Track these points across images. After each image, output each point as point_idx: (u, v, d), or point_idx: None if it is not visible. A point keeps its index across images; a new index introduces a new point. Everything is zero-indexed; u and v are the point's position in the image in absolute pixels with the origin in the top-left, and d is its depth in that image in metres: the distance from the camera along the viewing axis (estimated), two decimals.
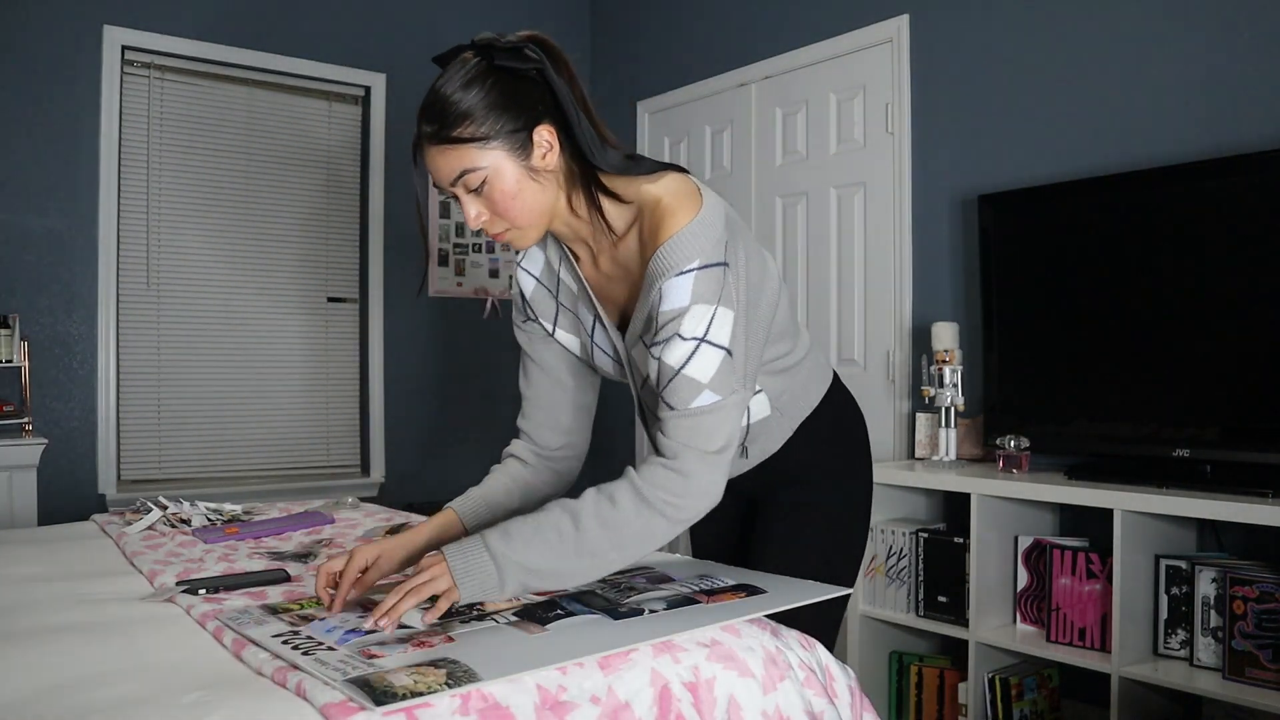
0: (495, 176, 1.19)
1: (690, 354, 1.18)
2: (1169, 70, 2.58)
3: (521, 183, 1.20)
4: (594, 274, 1.34)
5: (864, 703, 1.24)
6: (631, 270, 1.29)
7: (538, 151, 1.20)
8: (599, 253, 1.32)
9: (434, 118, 1.18)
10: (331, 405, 4.02)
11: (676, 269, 1.18)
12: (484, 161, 1.18)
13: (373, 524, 2.01)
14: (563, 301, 1.39)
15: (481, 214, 1.22)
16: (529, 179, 1.20)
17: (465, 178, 1.19)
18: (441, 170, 1.20)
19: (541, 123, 1.20)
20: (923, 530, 2.76)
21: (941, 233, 3.12)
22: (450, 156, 1.18)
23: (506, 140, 1.18)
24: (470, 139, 1.17)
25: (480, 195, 1.20)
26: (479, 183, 1.19)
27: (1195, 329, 2.36)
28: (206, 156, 3.73)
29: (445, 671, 0.96)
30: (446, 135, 1.17)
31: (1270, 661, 2.09)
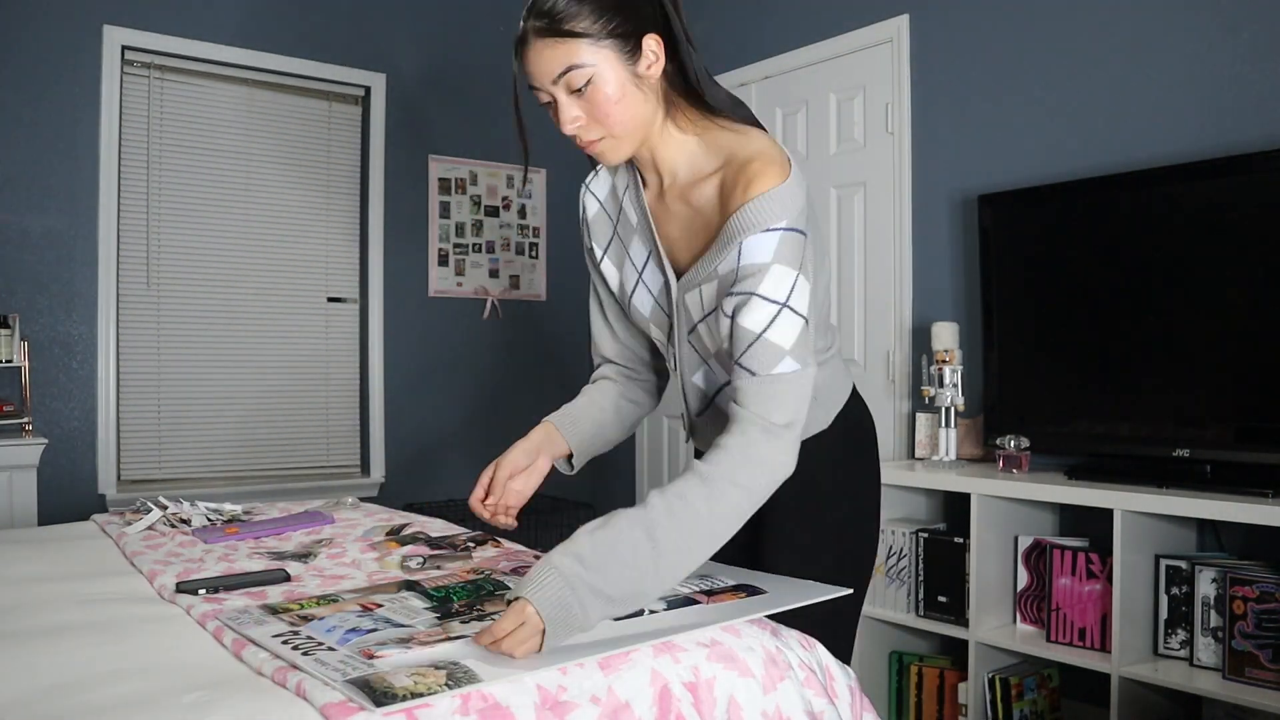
0: (600, 77, 1.17)
1: (773, 318, 1.15)
2: (1169, 70, 2.58)
3: (625, 88, 1.19)
4: (658, 207, 1.32)
5: (864, 703, 1.24)
6: (701, 214, 1.26)
7: (644, 60, 1.19)
8: (669, 186, 1.30)
9: (545, 11, 1.16)
10: (331, 405, 4.02)
11: (763, 225, 1.16)
12: (592, 59, 1.16)
13: (372, 523, 2.01)
14: (619, 232, 1.37)
15: (579, 118, 1.20)
16: (633, 86, 1.19)
17: (569, 75, 1.17)
18: (545, 65, 1.17)
19: (651, 32, 1.19)
20: (923, 530, 2.76)
21: (941, 233, 3.12)
22: (558, 51, 1.16)
23: (617, 42, 1.17)
24: (582, 34, 1.15)
25: (581, 96, 1.18)
26: (583, 82, 1.17)
27: (1195, 329, 2.36)
28: (206, 156, 3.73)
29: (445, 672, 0.96)
30: (557, 28, 1.15)
31: (1270, 661, 2.09)
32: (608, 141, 1.23)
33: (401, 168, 4.11)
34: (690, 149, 1.26)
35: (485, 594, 1.30)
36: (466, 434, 4.27)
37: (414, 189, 4.15)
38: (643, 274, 1.34)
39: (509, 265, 4.40)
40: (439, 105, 4.18)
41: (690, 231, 1.28)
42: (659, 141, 1.27)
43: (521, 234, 4.43)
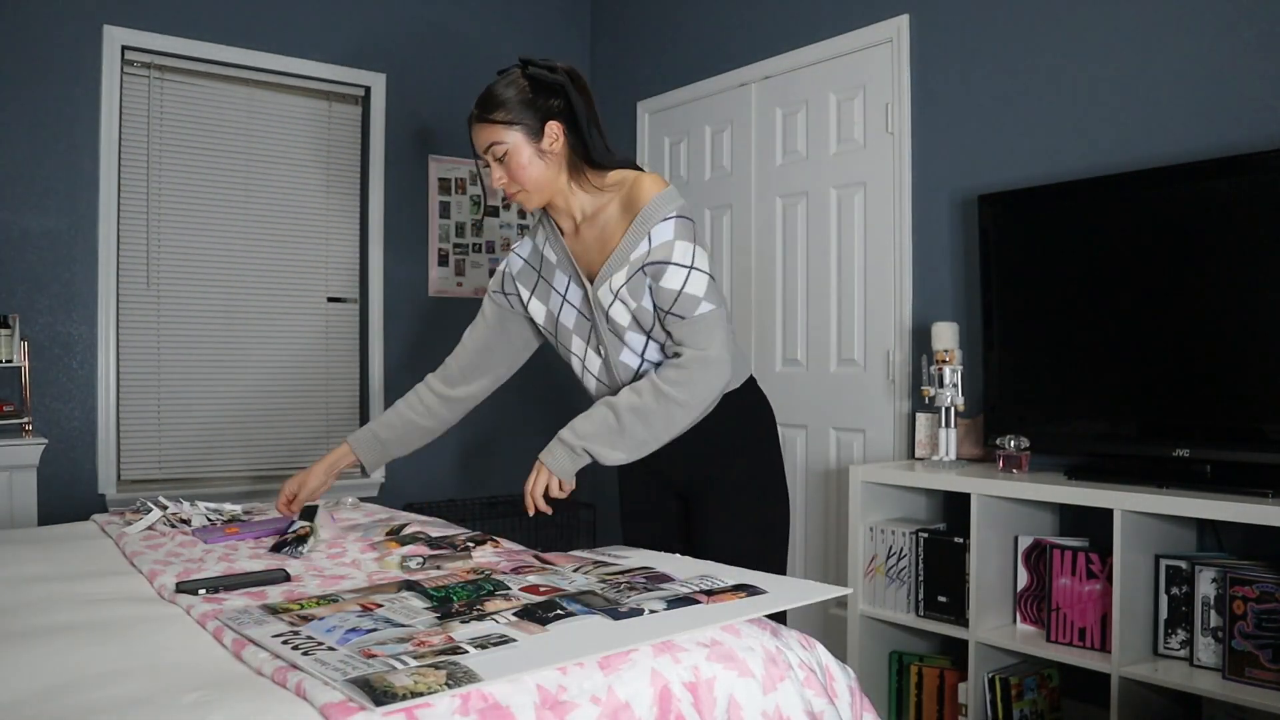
0: (514, 150, 1.68)
1: (685, 277, 1.64)
2: (1169, 70, 2.58)
3: (532, 159, 1.69)
4: (574, 242, 1.79)
5: (864, 703, 1.25)
6: (606, 229, 1.73)
7: (547, 139, 1.69)
8: (581, 222, 1.76)
9: (481, 104, 1.69)
10: (331, 405, 4.02)
11: (662, 215, 1.66)
12: (507, 139, 1.68)
13: (371, 523, 2.01)
14: (543, 274, 1.83)
15: (502, 177, 1.71)
16: (538, 157, 1.70)
17: (493, 148, 1.69)
18: (479, 140, 1.70)
19: (553, 119, 1.69)
20: (923, 530, 2.76)
21: (941, 233, 3.12)
22: (485, 132, 1.69)
23: (525, 127, 1.68)
24: (499, 121, 1.67)
25: (503, 163, 1.69)
26: (502, 153, 1.69)
27: (1195, 329, 2.36)
28: (206, 156, 3.73)
29: (445, 672, 0.96)
30: (485, 116, 1.68)
31: (1270, 661, 2.09)
32: (523, 194, 1.72)
33: (401, 168, 4.11)
34: (590, 191, 1.74)
35: (485, 594, 1.30)
36: (467, 434, 4.27)
37: (414, 189, 4.15)
38: (566, 295, 1.80)
39: None
40: (439, 105, 4.18)
41: (600, 245, 1.74)
42: (569, 194, 1.75)
43: (521, 234, 4.43)
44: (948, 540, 2.67)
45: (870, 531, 2.84)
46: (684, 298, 1.63)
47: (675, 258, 1.63)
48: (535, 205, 1.75)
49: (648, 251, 1.64)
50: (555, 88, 1.67)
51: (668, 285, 1.63)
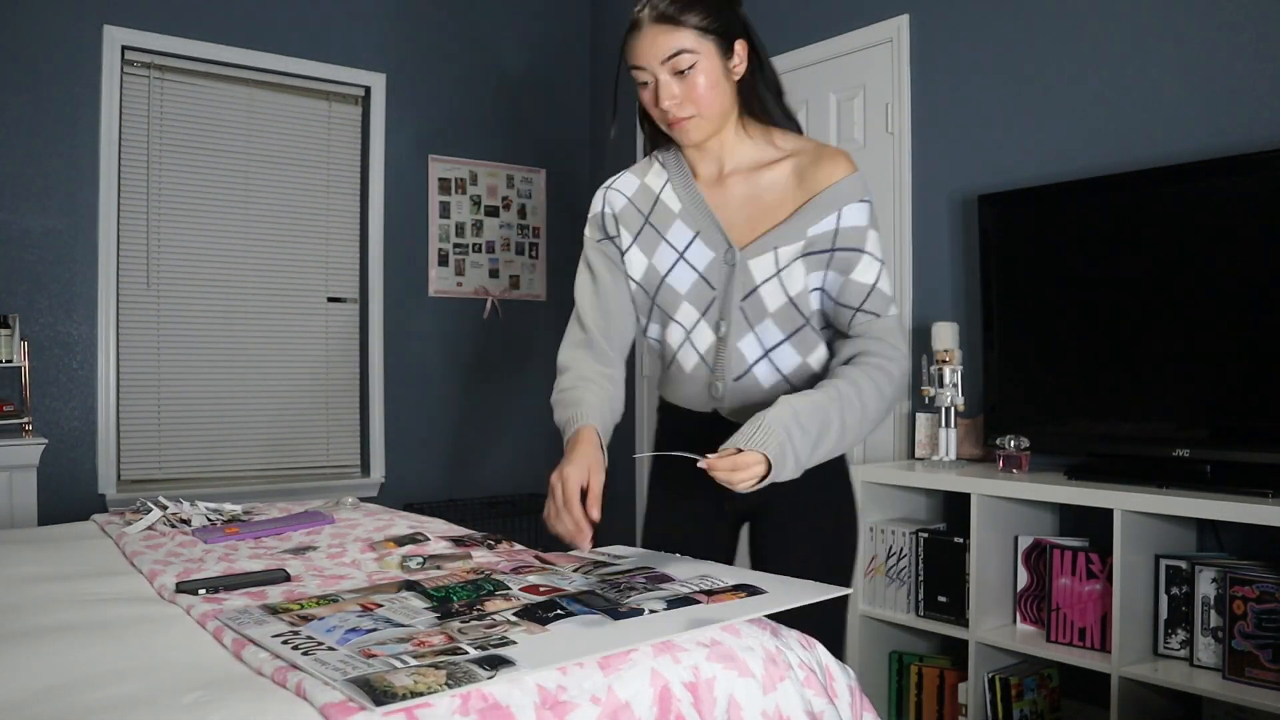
0: (701, 64, 1.39)
1: (879, 272, 1.44)
2: (1169, 70, 2.58)
3: (719, 78, 1.42)
4: (712, 192, 1.51)
5: (864, 703, 1.24)
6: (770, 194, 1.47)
7: (735, 58, 1.44)
8: (730, 173, 1.50)
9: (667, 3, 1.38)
10: (331, 405, 4.02)
11: (858, 196, 1.44)
12: (697, 47, 1.39)
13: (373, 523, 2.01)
14: (652, 221, 1.54)
15: (677, 96, 1.41)
16: (724, 78, 1.43)
17: (677, 58, 1.38)
18: (658, 46, 1.38)
19: (742, 38, 1.45)
20: (923, 530, 2.76)
21: (941, 233, 3.12)
22: (671, 36, 1.38)
23: (717, 39, 1.41)
24: (692, 26, 1.38)
25: (682, 79, 1.40)
26: (687, 65, 1.39)
27: (1195, 329, 2.36)
28: (206, 156, 3.73)
29: (445, 672, 0.96)
30: (674, 15, 1.38)
31: (1270, 661, 2.09)
32: (696, 120, 1.43)
33: (401, 168, 4.11)
34: (754, 141, 1.49)
35: (485, 594, 1.30)
36: (467, 434, 4.27)
37: (414, 189, 4.15)
38: (684, 253, 1.50)
39: (509, 265, 4.40)
40: (439, 105, 4.19)
41: (755, 208, 1.48)
42: (729, 132, 1.49)
43: (521, 234, 4.43)
44: (948, 540, 2.67)
45: (870, 531, 2.84)
46: (877, 294, 1.44)
47: (869, 247, 1.43)
48: (702, 138, 1.46)
49: (834, 231, 1.43)
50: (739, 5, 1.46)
51: (860, 278, 1.43)
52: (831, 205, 1.43)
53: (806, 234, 1.43)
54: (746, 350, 1.50)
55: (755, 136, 1.49)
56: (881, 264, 1.45)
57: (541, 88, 4.46)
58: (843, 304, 1.46)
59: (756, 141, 1.49)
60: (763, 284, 1.45)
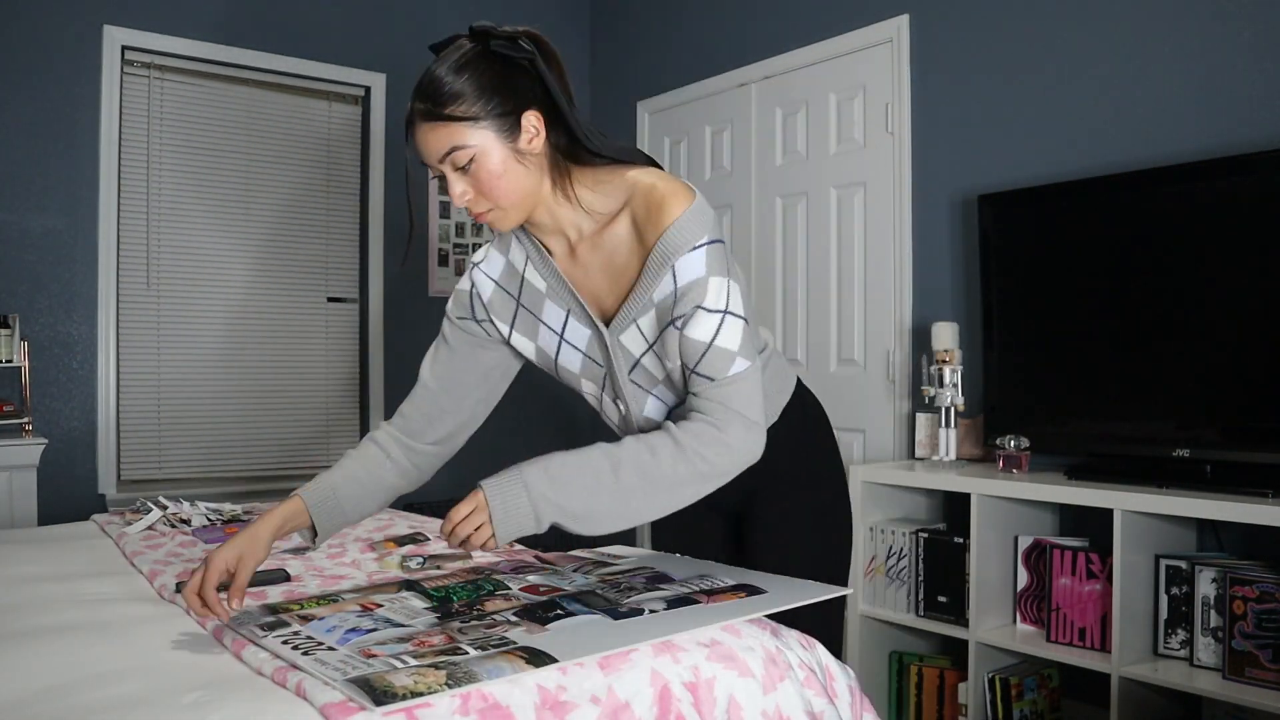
0: (483, 155, 1.23)
1: (718, 326, 1.25)
2: (1169, 70, 2.58)
3: (507, 164, 1.24)
4: (570, 266, 1.37)
5: (864, 703, 1.24)
6: (619, 253, 1.32)
7: (524, 135, 1.25)
8: (578, 242, 1.35)
9: (427, 96, 1.23)
10: (331, 405, 4.02)
11: (689, 245, 1.24)
12: (472, 140, 1.22)
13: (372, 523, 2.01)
14: (524, 304, 1.41)
15: (467, 192, 1.26)
16: (515, 161, 1.25)
17: (454, 155, 1.23)
18: (431, 146, 1.24)
19: (530, 108, 1.25)
20: (923, 530, 2.76)
21: (941, 233, 3.12)
22: (440, 133, 1.23)
23: (495, 121, 1.23)
24: (461, 117, 1.22)
25: (467, 174, 1.25)
26: (466, 160, 1.23)
27: (1195, 329, 2.36)
28: (206, 156, 3.73)
29: (445, 672, 0.96)
30: (438, 113, 1.22)
31: (1270, 661, 2.08)
32: (496, 212, 1.28)
33: (401, 168, 4.10)
34: (588, 202, 1.31)
35: (485, 594, 1.30)
36: None
37: (414, 189, 4.14)
38: (564, 334, 1.39)
39: None
40: None
41: (611, 274, 1.34)
42: (555, 205, 1.32)
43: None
44: (948, 540, 2.67)
45: (870, 531, 2.84)
46: (714, 353, 1.25)
47: (707, 301, 1.25)
48: (514, 224, 1.31)
49: (673, 293, 1.26)
50: (523, 64, 1.26)
51: (694, 335, 1.26)
52: (665, 262, 1.26)
53: (654, 300, 1.29)
54: (653, 413, 1.41)
55: (583, 197, 1.31)
56: (724, 315, 1.25)
57: None
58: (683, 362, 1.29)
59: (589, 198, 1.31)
60: (642, 356, 1.34)
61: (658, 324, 1.30)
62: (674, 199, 1.25)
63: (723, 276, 1.25)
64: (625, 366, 1.37)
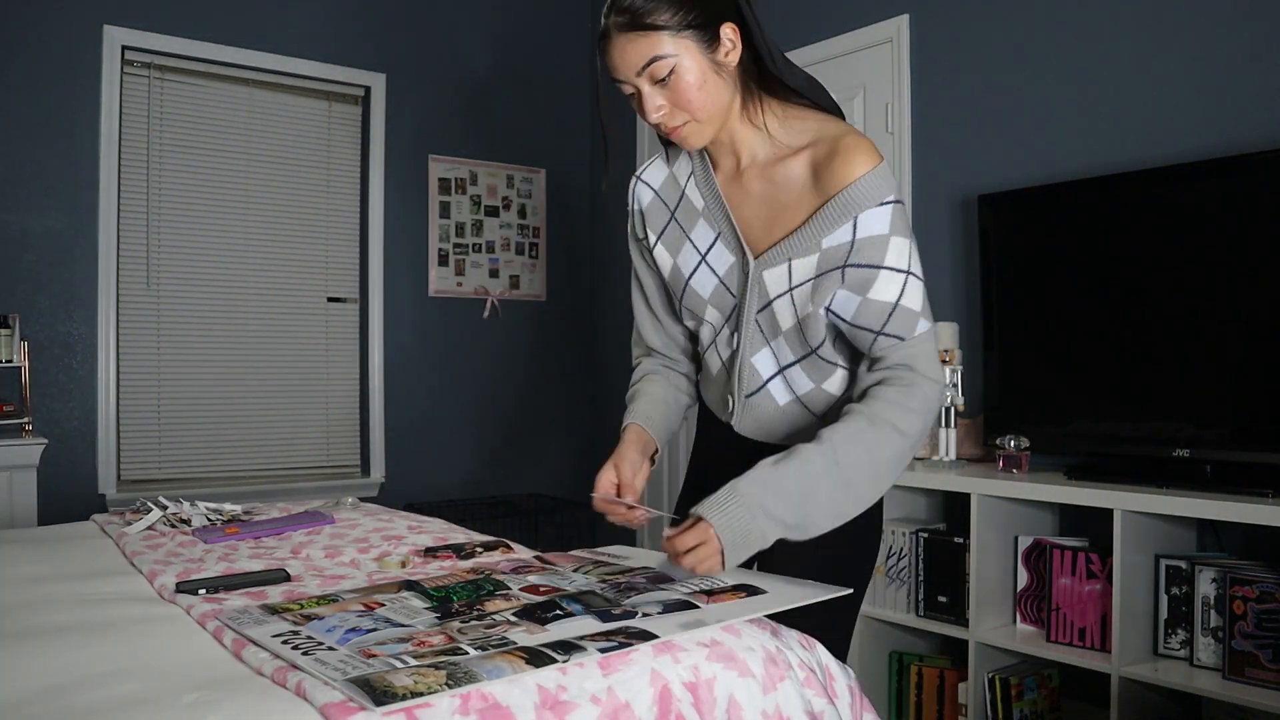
0: (682, 66, 1.22)
1: (903, 287, 1.26)
2: (1169, 70, 2.58)
3: (707, 75, 1.24)
4: (732, 189, 1.37)
5: (864, 703, 1.24)
6: (787, 190, 1.32)
7: (723, 48, 1.24)
8: (748, 166, 1.35)
9: (624, 8, 1.21)
10: (331, 405, 4.02)
11: (876, 199, 1.25)
12: (674, 49, 1.21)
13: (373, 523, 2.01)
14: (678, 217, 1.42)
15: (663, 106, 1.25)
16: (714, 72, 1.25)
17: (653, 66, 1.22)
18: (630, 58, 1.23)
19: (728, 20, 1.24)
20: (923, 530, 2.76)
21: (941, 233, 3.12)
22: (641, 43, 1.21)
23: (696, 32, 1.22)
24: (664, 26, 1.20)
25: (665, 85, 1.24)
26: (666, 71, 1.22)
27: (1195, 329, 2.36)
28: (206, 156, 3.73)
29: (445, 672, 0.96)
30: (639, 22, 1.21)
31: (1270, 661, 2.09)
32: (691, 126, 1.27)
33: (401, 168, 4.11)
34: (771, 129, 1.32)
35: (485, 594, 1.30)
36: (467, 434, 4.27)
37: (414, 189, 4.15)
38: (706, 256, 1.39)
39: (509, 265, 4.40)
40: (439, 105, 4.19)
41: (772, 209, 1.33)
42: (738, 124, 1.32)
43: (521, 234, 4.43)
44: (948, 540, 2.67)
45: None
46: (900, 313, 1.26)
47: (890, 260, 1.25)
48: (703, 142, 1.30)
49: (850, 244, 1.26)
50: None
51: (879, 296, 1.26)
52: (846, 212, 1.26)
53: (821, 245, 1.28)
54: (761, 366, 1.41)
55: (770, 123, 1.31)
56: (907, 276, 1.27)
57: (541, 87, 4.46)
58: (860, 326, 1.29)
59: (772, 126, 1.31)
60: (776, 299, 1.33)
61: (817, 269, 1.29)
62: (864, 154, 1.26)
63: (904, 238, 1.27)
64: (756, 304, 1.36)
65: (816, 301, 1.29)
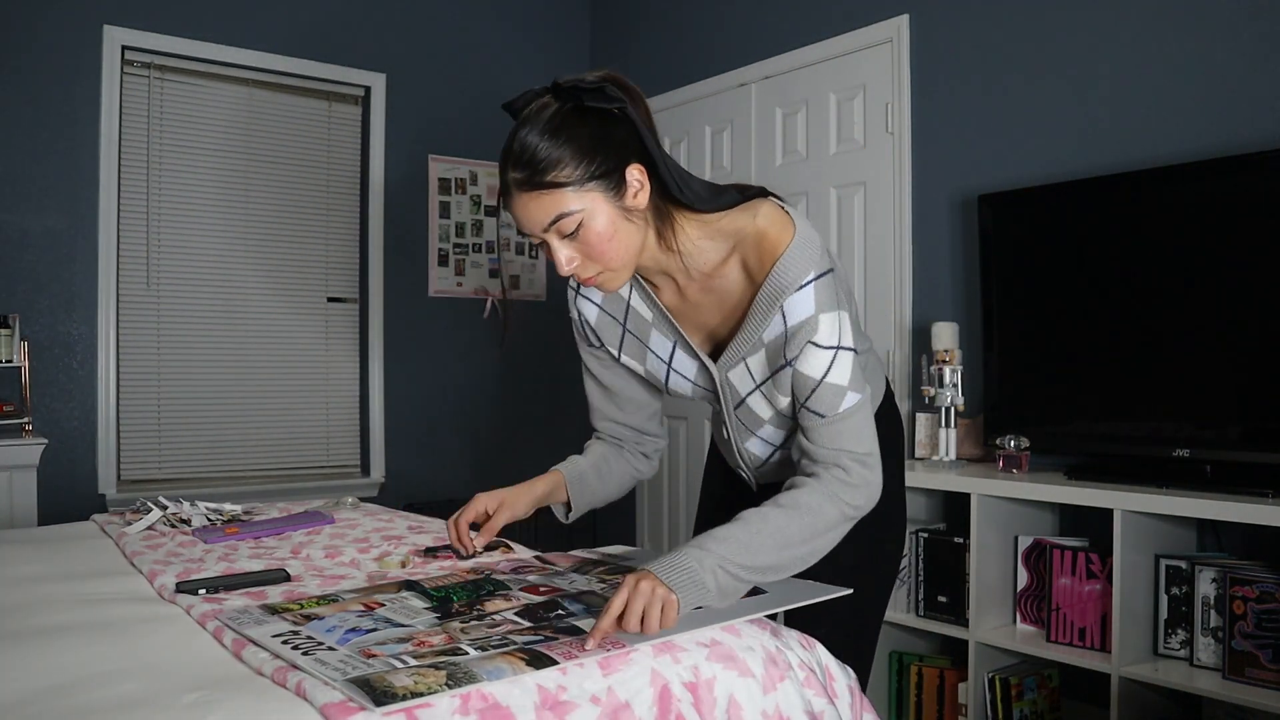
0: (590, 219, 1.18)
1: (830, 362, 1.24)
2: (1169, 70, 2.58)
3: (616, 224, 1.20)
4: (677, 302, 1.36)
5: (864, 703, 1.24)
6: (730, 297, 1.31)
7: (629, 191, 1.20)
8: (686, 285, 1.33)
9: (523, 164, 1.16)
10: (331, 405, 4.02)
11: (796, 284, 1.23)
12: (579, 205, 1.17)
13: (373, 523, 2.01)
14: (630, 329, 1.41)
15: (574, 258, 1.22)
16: (623, 219, 1.20)
17: (560, 223, 1.18)
18: (533, 217, 1.18)
19: (631, 162, 1.19)
20: (923, 530, 2.76)
21: (941, 233, 3.12)
22: (544, 202, 1.17)
23: (601, 182, 1.17)
24: (564, 183, 1.15)
25: (574, 239, 1.20)
26: (574, 227, 1.18)
27: (1195, 329, 2.36)
28: (206, 156, 3.73)
29: (445, 672, 0.96)
30: (539, 181, 1.16)
31: (1270, 661, 2.09)
32: (606, 274, 1.24)
33: (401, 168, 4.11)
34: (695, 246, 1.28)
35: (485, 594, 1.30)
36: (466, 434, 4.27)
37: (414, 189, 4.15)
38: (671, 363, 1.39)
39: (509, 265, 4.40)
40: (439, 105, 4.19)
41: (722, 312, 1.33)
42: (660, 255, 1.28)
43: (521, 234, 4.42)
44: (948, 540, 2.67)
45: None
46: (825, 389, 1.25)
47: (818, 338, 1.24)
48: (621, 284, 1.27)
49: (784, 334, 1.26)
50: (616, 114, 1.19)
51: (805, 371, 1.26)
52: (772, 303, 1.25)
53: (763, 340, 1.28)
54: (756, 449, 1.45)
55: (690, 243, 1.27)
56: (836, 351, 1.24)
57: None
58: (794, 396, 1.29)
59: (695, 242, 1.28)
60: (748, 396, 1.35)
61: (768, 364, 1.30)
62: (778, 239, 1.24)
63: (833, 311, 1.24)
64: (732, 402, 1.38)
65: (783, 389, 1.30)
